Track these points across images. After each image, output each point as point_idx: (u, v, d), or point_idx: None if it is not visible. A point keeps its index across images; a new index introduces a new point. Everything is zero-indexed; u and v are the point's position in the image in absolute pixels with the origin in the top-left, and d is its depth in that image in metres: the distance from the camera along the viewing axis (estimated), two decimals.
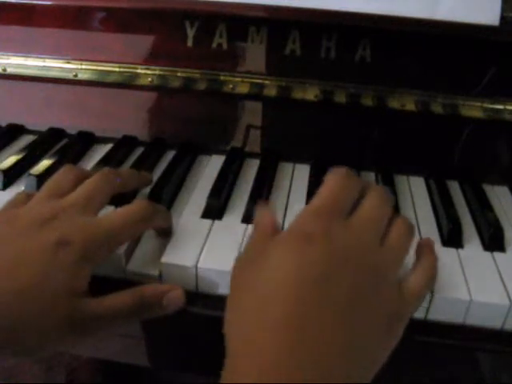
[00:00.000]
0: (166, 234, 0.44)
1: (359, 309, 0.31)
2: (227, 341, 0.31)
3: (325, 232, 0.33)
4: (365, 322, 0.31)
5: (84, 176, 0.42)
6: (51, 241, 0.35)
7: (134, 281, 0.41)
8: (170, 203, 0.50)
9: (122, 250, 0.41)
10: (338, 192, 0.36)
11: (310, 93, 0.56)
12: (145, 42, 0.57)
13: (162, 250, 0.43)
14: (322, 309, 0.30)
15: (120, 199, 0.46)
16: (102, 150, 0.60)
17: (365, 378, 0.31)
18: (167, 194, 0.50)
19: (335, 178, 0.37)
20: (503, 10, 0.50)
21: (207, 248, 0.43)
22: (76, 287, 0.35)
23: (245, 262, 0.34)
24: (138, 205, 0.40)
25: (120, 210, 0.40)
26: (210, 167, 0.57)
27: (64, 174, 0.42)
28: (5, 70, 0.60)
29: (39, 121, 0.62)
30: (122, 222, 0.38)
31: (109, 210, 0.45)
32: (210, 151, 0.60)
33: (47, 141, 0.60)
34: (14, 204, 0.40)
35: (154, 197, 0.49)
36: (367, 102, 0.55)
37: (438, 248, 0.45)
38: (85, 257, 0.36)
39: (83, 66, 0.58)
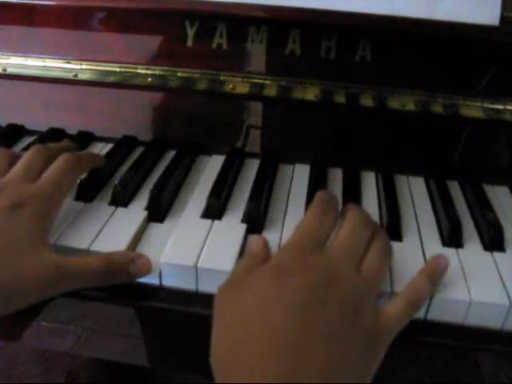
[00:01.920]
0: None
1: (339, 334, 0.32)
2: (214, 365, 0.32)
3: (301, 264, 0.35)
4: (345, 345, 0.32)
5: (17, 155, 0.47)
6: (5, 206, 0.40)
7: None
8: (169, 203, 0.50)
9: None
10: (314, 227, 0.39)
11: (310, 93, 0.56)
12: (145, 41, 0.57)
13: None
14: (301, 335, 0.31)
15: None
16: (101, 150, 0.60)
17: None
18: (167, 193, 0.50)
19: (312, 213, 0.40)
20: (503, 9, 0.50)
21: (207, 248, 0.43)
22: (38, 238, 0.40)
23: (230, 288, 0.36)
24: (62, 157, 0.46)
25: (50, 167, 0.46)
26: (210, 167, 0.57)
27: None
28: (5, 69, 0.60)
29: (39, 121, 0.62)
30: (56, 175, 0.45)
31: None
32: (210, 151, 0.60)
33: (47, 141, 0.60)
34: None
35: (154, 197, 0.49)
36: (367, 102, 0.55)
37: (438, 248, 0.46)
38: (38, 211, 0.41)
39: (83, 66, 0.58)
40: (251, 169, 0.57)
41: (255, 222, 0.47)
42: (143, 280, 0.42)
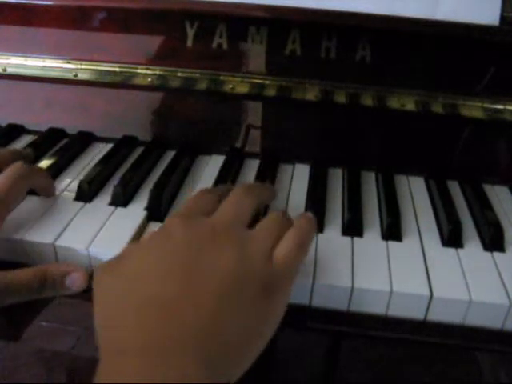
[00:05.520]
0: (47, 193, 0.49)
1: (229, 287, 0.32)
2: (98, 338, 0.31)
3: (183, 226, 0.35)
4: (237, 298, 0.32)
5: None
6: None
7: None
8: (169, 203, 0.50)
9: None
10: (197, 199, 0.41)
11: (310, 93, 0.56)
12: (145, 41, 0.57)
13: None
14: (186, 297, 0.31)
15: None
16: (102, 150, 0.60)
17: (242, 354, 0.31)
18: (167, 193, 0.50)
19: (197, 193, 0.42)
20: (503, 10, 0.50)
21: None
22: None
23: (112, 261, 0.35)
24: (15, 165, 0.44)
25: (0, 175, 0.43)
26: (210, 167, 0.57)
27: None
28: (5, 69, 0.60)
29: (39, 121, 0.62)
30: (3, 185, 0.42)
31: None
32: (210, 151, 0.60)
33: (47, 141, 0.60)
34: None
35: (155, 196, 0.49)
36: (367, 101, 0.55)
37: (438, 248, 0.46)
38: None
39: (83, 66, 0.59)
40: (251, 169, 0.57)
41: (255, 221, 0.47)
42: None
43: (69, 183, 0.52)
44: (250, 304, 0.32)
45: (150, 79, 0.58)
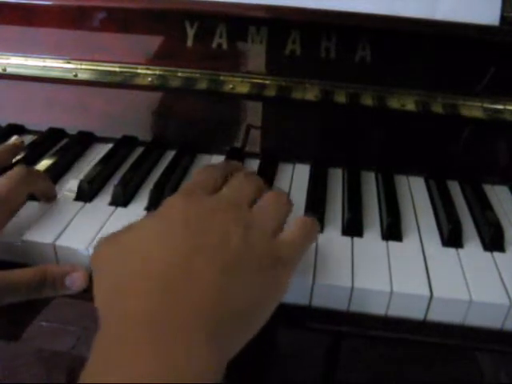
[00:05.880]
0: (48, 198, 0.49)
1: (227, 263, 0.31)
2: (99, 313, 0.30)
3: (185, 201, 0.36)
4: (241, 274, 0.31)
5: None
6: None
7: None
8: None
9: None
10: (200, 177, 0.41)
11: (310, 93, 0.56)
12: (145, 41, 0.57)
13: None
14: (181, 267, 0.30)
15: None
16: (102, 150, 0.60)
17: (246, 323, 0.31)
18: (167, 193, 0.50)
19: (199, 170, 0.43)
20: (503, 10, 0.50)
21: None
22: None
23: (113, 234, 0.35)
24: (17, 169, 0.44)
25: (1, 177, 0.43)
26: None
27: None
28: (5, 69, 0.60)
29: (39, 121, 0.62)
30: (4, 186, 0.42)
31: None
32: (210, 151, 0.60)
33: (47, 141, 0.60)
34: None
35: (155, 197, 0.49)
36: (367, 101, 0.55)
37: (438, 248, 0.46)
38: None
39: (83, 66, 0.59)
40: (251, 169, 0.57)
41: None
42: None
43: (69, 183, 0.53)
44: (256, 277, 0.32)
45: (150, 79, 0.58)
